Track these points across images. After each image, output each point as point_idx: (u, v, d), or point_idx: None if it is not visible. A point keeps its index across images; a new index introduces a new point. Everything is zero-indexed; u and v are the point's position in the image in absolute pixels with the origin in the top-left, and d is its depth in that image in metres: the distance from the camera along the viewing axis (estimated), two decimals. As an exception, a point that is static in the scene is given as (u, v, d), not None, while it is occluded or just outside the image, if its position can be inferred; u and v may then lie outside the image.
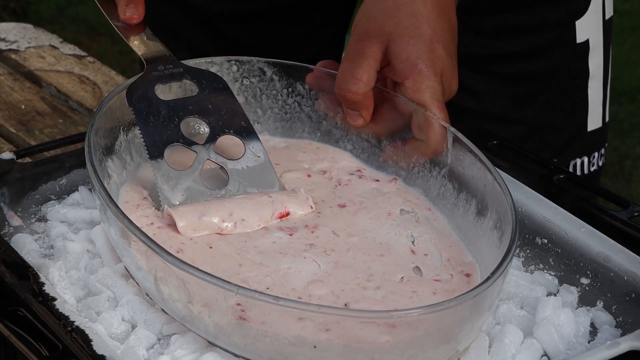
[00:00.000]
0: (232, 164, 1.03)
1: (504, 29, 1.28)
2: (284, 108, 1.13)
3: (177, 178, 0.99)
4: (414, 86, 1.01)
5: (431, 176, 1.05)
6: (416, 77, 1.01)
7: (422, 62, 1.01)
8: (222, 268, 0.92)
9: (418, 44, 1.01)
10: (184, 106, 1.02)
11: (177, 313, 0.87)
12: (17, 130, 1.34)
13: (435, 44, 1.01)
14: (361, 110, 1.04)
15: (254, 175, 1.03)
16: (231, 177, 1.02)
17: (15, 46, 1.54)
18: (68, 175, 1.09)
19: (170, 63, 1.05)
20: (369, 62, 1.01)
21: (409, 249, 0.98)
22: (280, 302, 0.81)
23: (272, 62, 1.12)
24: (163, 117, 1.01)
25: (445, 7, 1.03)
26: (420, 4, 1.02)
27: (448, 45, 1.03)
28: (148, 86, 1.02)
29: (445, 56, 1.02)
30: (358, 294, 0.91)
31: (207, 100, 1.04)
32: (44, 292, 0.90)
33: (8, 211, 1.05)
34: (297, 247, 0.96)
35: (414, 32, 1.01)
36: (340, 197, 1.04)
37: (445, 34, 1.03)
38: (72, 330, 0.85)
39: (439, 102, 1.01)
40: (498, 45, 1.29)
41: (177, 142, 1.00)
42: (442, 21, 1.03)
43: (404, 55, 1.01)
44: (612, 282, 0.99)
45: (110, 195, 0.90)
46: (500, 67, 1.29)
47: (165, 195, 0.98)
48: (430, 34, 1.01)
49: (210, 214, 0.96)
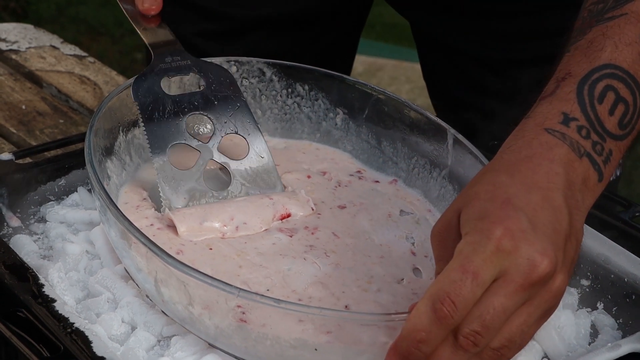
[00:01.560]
0: (235, 165, 1.02)
1: (526, 33, 1.27)
2: (283, 109, 1.13)
3: (179, 178, 0.99)
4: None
5: (431, 177, 1.05)
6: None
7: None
8: (223, 269, 0.92)
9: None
10: (189, 102, 1.02)
11: (178, 315, 0.87)
12: (17, 130, 1.33)
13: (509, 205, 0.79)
14: None
15: (256, 176, 1.03)
16: (233, 178, 1.02)
17: (16, 46, 1.53)
18: (67, 176, 1.08)
19: (179, 54, 1.04)
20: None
21: (409, 250, 0.98)
22: (282, 305, 0.81)
23: (271, 63, 1.12)
24: (168, 112, 1.00)
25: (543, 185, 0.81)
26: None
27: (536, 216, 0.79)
28: (155, 79, 1.01)
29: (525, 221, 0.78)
30: (359, 295, 0.91)
31: (213, 96, 1.03)
32: (43, 293, 0.89)
33: (7, 212, 1.04)
34: (297, 249, 0.96)
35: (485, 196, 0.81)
36: (340, 198, 1.04)
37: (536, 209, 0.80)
38: (72, 332, 0.85)
39: (465, 262, 0.76)
40: (520, 48, 1.28)
41: (180, 141, 1.00)
42: (534, 194, 0.80)
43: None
44: (612, 284, 0.99)
45: (110, 197, 0.89)
46: (521, 71, 1.29)
47: (167, 196, 0.98)
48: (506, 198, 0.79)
49: (211, 219, 0.96)
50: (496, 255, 0.75)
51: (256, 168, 1.03)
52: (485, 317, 0.75)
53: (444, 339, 0.76)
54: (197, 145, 1.01)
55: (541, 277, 0.76)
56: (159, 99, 1.00)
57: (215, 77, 1.04)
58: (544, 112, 0.85)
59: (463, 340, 0.75)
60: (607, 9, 0.89)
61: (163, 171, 0.98)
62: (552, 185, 0.80)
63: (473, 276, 0.75)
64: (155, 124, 0.99)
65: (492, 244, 0.76)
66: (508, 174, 0.81)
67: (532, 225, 0.77)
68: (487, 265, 0.75)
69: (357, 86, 1.10)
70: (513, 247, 0.76)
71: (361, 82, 1.10)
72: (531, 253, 0.76)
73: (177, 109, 1.01)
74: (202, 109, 1.02)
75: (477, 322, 0.75)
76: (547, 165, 0.81)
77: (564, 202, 0.80)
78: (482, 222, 0.77)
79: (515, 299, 0.76)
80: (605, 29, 0.87)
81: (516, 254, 0.76)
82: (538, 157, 0.82)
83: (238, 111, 1.04)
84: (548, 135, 0.83)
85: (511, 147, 0.83)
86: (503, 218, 0.77)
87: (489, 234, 0.76)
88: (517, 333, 0.77)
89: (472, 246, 0.76)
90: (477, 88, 1.32)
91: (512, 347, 0.78)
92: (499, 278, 0.76)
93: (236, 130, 1.03)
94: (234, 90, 1.04)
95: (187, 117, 1.01)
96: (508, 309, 0.76)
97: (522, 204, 0.78)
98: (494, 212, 0.77)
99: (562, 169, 0.81)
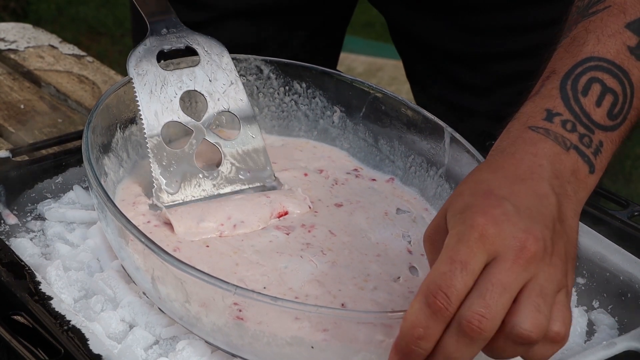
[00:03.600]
0: (227, 145, 1.03)
1: (498, 28, 1.27)
2: (280, 106, 1.13)
3: (172, 159, 0.99)
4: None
5: (428, 176, 1.05)
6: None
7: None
8: (219, 267, 0.92)
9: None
10: (184, 78, 1.02)
11: (175, 313, 0.87)
12: (16, 129, 1.33)
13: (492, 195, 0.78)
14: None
15: (246, 156, 1.03)
16: (224, 158, 1.02)
17: (15, 46, 1.53)
18: (64, 173, 1.08)
19: (174, 27, 1.04)
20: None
21: (406, 248, 0.98)
22: (278, 303, 0.81)
23: (269, 60, 1.12)
24: (162, 89, 1.00)
25: (524, 175, 0.81)
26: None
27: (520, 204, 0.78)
28: (150, 54, 1.01)
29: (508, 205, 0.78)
30: (355, 294, 0.91)
31: (207, 72, 1.03)
32: (40, 291, 0.89)
33: (4, 209, 1.04)
34: (294, 247, 0.96)
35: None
36: (337, 196, 1.04)
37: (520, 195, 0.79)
38: (68, 330, 0.85)
39: (452, 253, 0.76)
40: (493, 43, 1.28)
41: (174, 119, 1.00)
42: (518, 185, 0.80)
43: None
44: (608, 282, 0.99)
45: (108, 194, 0.90)
46: (496, 66, 1.29)
47: (158, 177, 0.98)
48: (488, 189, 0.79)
49: (208, 219, 0.96)
50: (482, 242, 0.75)
51: (247, 148, 1.03)
52: (484, 295, 0.73)
53: (442, 332, 0.75)
54: (190, 124, 1.01)
55: (531, 252, 0.75)
56: (154, 75, 1.00)
57: (210, 50, 1.04)
58: (528, 111, 0.85)
59: (466, 325, 0.73)
60: (591, 4, 0.89)
61: (156, 151, 0.98)
62: (536, 176, 0.80)
63: (462, 265, 0.74)
64: (149, 101, 0.99)
65: (476, 231, 0.75)
66: (490, 171, 0.81)
67: (515, 209, 0.76)
68: (474, 253, 0.74)
69: (355, 84, 1.10)
70: (498, 231, 0.75)
71: (359, 80, 1.10)
72: (515, 231, 0.75)
73: (172, 85, 1.01)
74: (196, 86, 1.02)
75: (477, 302, 0.73)
76: (530, 158, 0.81)
77: (550, 190, 0.79)
78: (465, 213, 0.76)
79: (512, 275, 0.74)
80: (587, 24, 0.88)
81: (501, 235, 0.75)
82: (521, 152, 0.81)
83: (231, 88, 1.04)
84: (532, 132, 0.82)
85: (496, 148, 0.83)
86: (485, 207, 0.76)
87: (472, 222, 0.75)
88: (541, 303, 0.74)
89: (456, 237, 0.75)
90: (453, 83, 1.32)
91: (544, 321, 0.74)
92: (491, 261, 0.75)
93: (229, 108, 1.03)
94: (228, 66, 1.04)
95: (181, 93, 1.01)
96: (507, 284, 0.74)
97: (505, 193, 0.78)
98: (476, 203, 0.77)
99: (546, 161, 0.81)
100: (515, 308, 0.74)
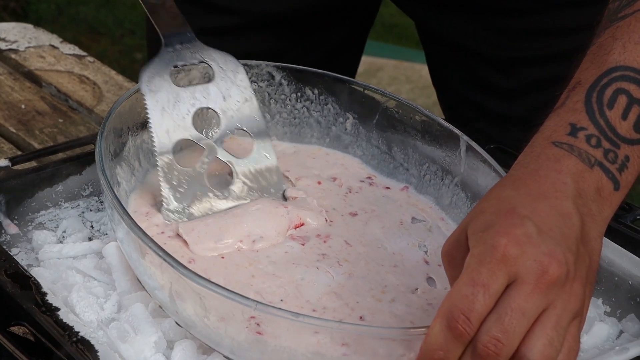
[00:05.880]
0: (239, 163, 1.01)
1: (531, 31, 1.26)
2: (292, 113, 1.12)
3: (183, 178, 0.97)
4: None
5: (443, 184, 1.04)
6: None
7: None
8: (235, 279, 0.91)
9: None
10: (197, 95, 0.99)
11: (193, 326, 0.86)
12: (17, 130, 1.32)
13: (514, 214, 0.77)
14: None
15: (259, 175, 1.01)
16: (236, 177, 1.00)
17: (15, 46, 1.52)
18: (64, 182, 1.06)
19: (189, 42, 1.01)
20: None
21: (422, 259, 0.97)
22: (300, 319, 0.80)
23: (281, 67, 1.10)
24: (175, 106, 0.98)
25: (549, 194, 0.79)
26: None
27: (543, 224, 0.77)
28: (164, 69, 0.98)
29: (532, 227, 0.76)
30: (373, 306, 0.90)
31: (221, 89, 1.01)
32: (46, 302, 0.88)
33: (5, 219, 1.02)
34: (310, 257, 0.95)
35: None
36: (351, 205, 1.03)
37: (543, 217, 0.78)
38: (77, 341, 0.84)
39: (474, 275, 0.75)
40: (527, 47, 1.27)
41: (186, 137, 0.98)
42: (541, 203, 0.78)
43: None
44: (616, 287, 0.98)
45: (124, 206, 0.88)
46: (529, 70, 1.28)
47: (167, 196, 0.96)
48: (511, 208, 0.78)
49: (227, 237, 0.94)
50: (503, 263, 0.74)
51: (259, 167, 1.01)
52: (503, 320, 0.73)
53: (461, 354, 0.74)
54: (202, 142, 0.99)
55: (553, 277, 0.74)
56: (167, 92, 0.98)
57: (224, 67, 1.02)
58: (552, 125, 0.83)
59: (482, 349, 0.73)
60: (621, 7, 0.87)
61: (167, 170, 0.96)
62: (559, 194, 0.79)
63: (484, 289, 0.73)
64: (161, 118, 0.97)
65: (498, 252, 0.74)
66: (513, 188, 0.80)
67: (538, 230, 0.76)
68: (496, 275, 0.74)
69: (368, 91, 1.09)
70: (520, 253, 0.74)
71: (372, 87, 1.09)
72: (537, 254, 0.74)
73: (184, 102, 0.99)
74: (209, 103, 1.00)
75: (495, 327, 0.73)
76: (554, 176, 0.80)
77: (574, 209, 0.78)
78: (487, 232, 0.75)
79: (532, 300, 0.74)
80: (614, 30, 0.86)
81: (523, 257, 0.74)
82: (545, 169, 0.80)
83: (246, 105, 1.02)
84: (555, 148, 0.81)
85: (519, 163, 0.82)
86: (507, 226, 0.75)
87: (494, 242, 0.75)
88: (555, 337, 0.74)
89: (478, 258, 0.75)
90: (484, 87, 1.31)
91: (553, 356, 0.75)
92: (511, 284, 0.74)
93: (243, 127, 1.01)
94: (243, 83, 1.02)
95: (194, 111, 0.99)
96: (526, 310, 0.73)
97: (527, 212, 0.77)
98: (499, 222, 0.76)
99: (570, 179, 0.80)
100: (529, 337, 0.74)
